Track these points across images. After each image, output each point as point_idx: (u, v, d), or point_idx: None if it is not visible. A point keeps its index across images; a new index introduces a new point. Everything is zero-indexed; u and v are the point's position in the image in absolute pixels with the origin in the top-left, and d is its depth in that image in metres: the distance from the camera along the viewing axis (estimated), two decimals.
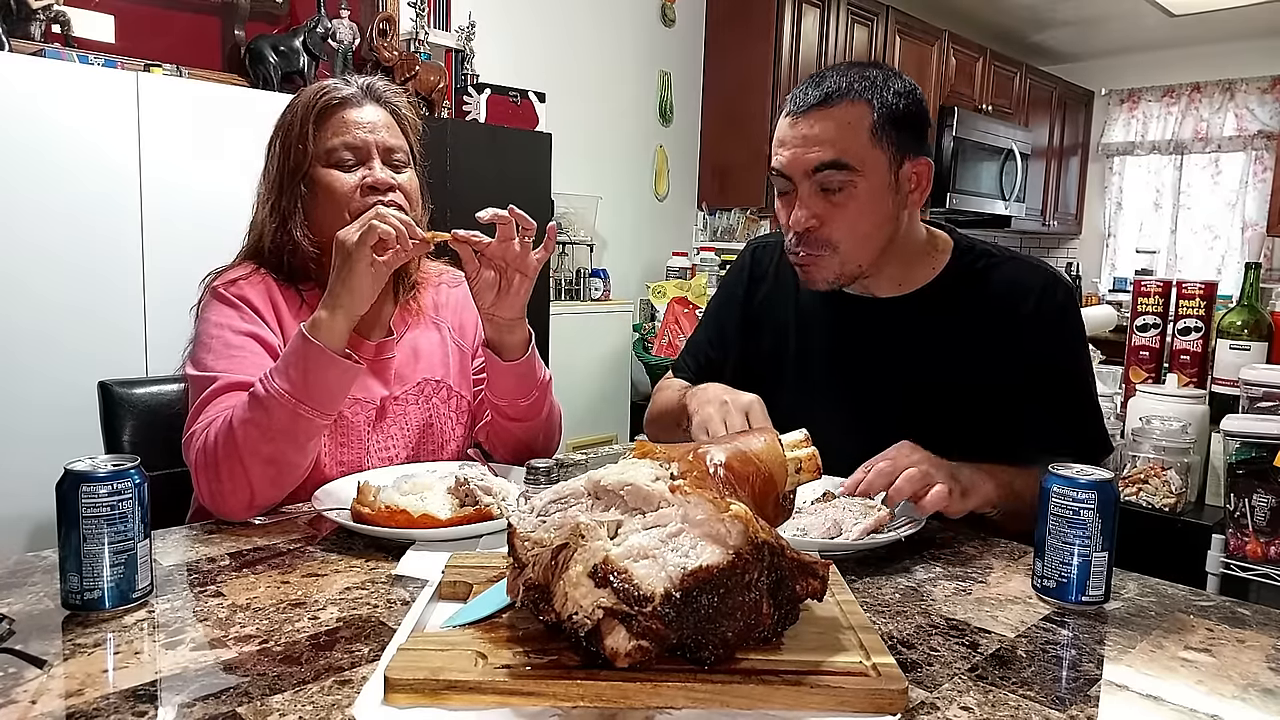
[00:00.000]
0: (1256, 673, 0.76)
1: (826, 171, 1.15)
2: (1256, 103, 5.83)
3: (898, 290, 1.28)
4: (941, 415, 1.23)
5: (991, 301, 1.24)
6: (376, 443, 1.27)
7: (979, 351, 1.23)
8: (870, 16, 4.66)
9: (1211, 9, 5.16)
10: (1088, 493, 0.86)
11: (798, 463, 0.83)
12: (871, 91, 1.15)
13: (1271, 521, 1.46)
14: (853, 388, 1.29)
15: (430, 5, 3.35)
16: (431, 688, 0.65)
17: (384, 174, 1.23)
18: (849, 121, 1.14)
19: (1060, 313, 1.25)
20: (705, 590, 0.66)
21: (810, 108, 1.16)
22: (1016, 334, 1.23)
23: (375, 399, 1.28)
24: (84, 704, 0.65)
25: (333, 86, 1.25)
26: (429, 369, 1.35)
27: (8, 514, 2.00)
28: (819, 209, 1.17)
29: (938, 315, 1.26)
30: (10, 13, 2.33)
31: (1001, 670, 0.75)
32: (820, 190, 1.17)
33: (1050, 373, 1.24)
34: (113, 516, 0.80)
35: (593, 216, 3.95)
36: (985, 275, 1.26)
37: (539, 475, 1.08)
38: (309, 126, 1.22)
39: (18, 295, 2.03)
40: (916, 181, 1.21)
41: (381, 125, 1.25)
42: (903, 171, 1.19)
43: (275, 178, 1.25)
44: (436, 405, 1.34)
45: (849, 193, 1.16)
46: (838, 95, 1.15)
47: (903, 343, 1.26)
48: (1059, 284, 1.26)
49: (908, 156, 1.19)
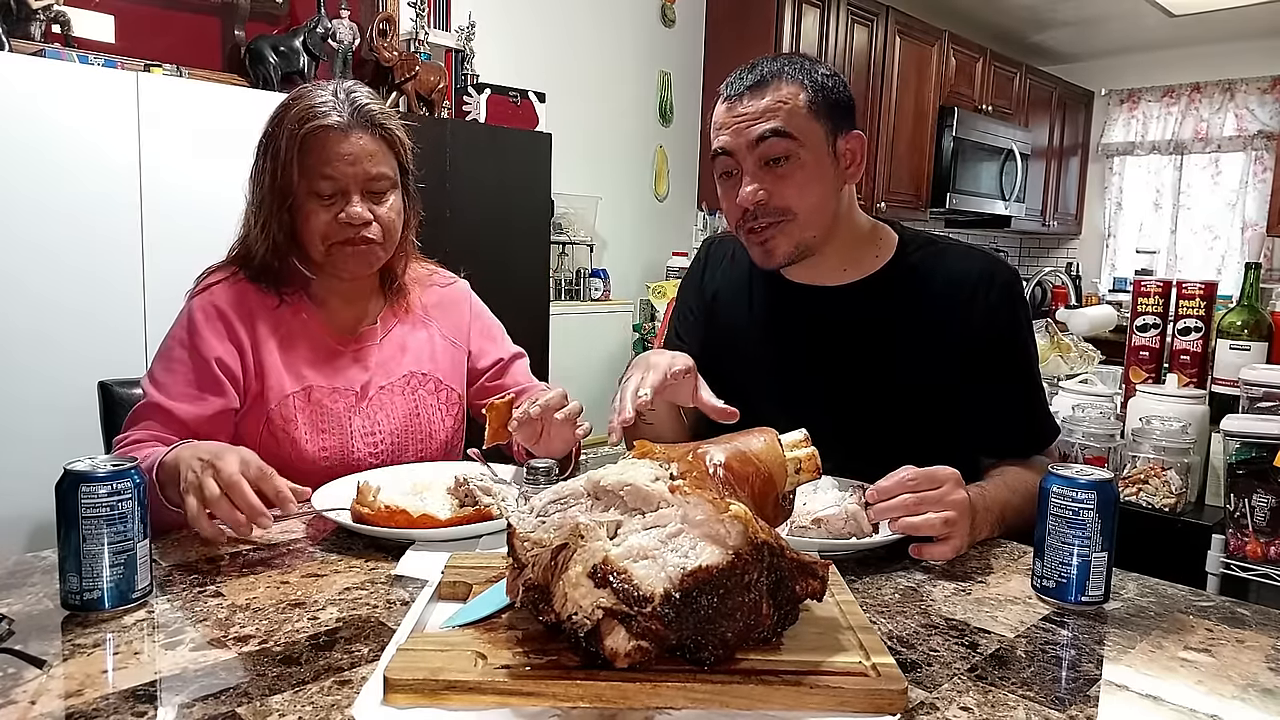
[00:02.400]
0: (1256, 673, 0.76)
1: (770, 140, 1.18)
2: (1256, 103, 5.83)
3: (844, 278, 1.30)
4: (892, 400, 1.25)
5: (940, 287, 1.26)
6: (361, 428, 1.30)
7: (928, 336, 1.25)
8: (870, 16, 4.66)
9: (1211, 9, 5.16)
10: (1087, 493, 0.86)
11: (797, 463, 0.83)
12: (802, 73, 1.21)
13: (1271, 521, 1.46)
14: (804, 374, 1.31)
15: (430, 5, 3.35)
16: (431, 688, 0.65)
17: (360, 209, 1.23)
18: (784, 98, 1.19)
19: (1009, 295, 1.27)
20: (705, 590, 0.66)
21: (746, 89, 1.20)
22: (966, 318, 1.24)
23: (355, 386, 1.32)
24: (84, 704, 0.65)
25: (319, 110, 1.21)
26: (416, 362, 1.38)
27: (8, 514, 2.00)
28: (765, 182, 1.20)
29: (886, 301, 1.27)
30: (10, 13, 2.33)
31: (1001, 670, 0.75)
32: (764, 165, 1.20)
33: (1000, 354, 1.25)
34: (112, 516, 0.80)
35: (593, 216, 3.95)
36: (931, 262, 1.29)
37: (539, 475, 1.08)
38: (293, 154, 1.21)
39: (18, 295, 2.03)
40: (852, 156, 1.24)
41: (365, 154, 1.23)
42: (839, 145, 1.23)
43: (263, 197, 1.25)
44: (423, 397, 1.37)
45: (794, 163, 1.19)
46: (772, 77, 1.20)
47: (852, 329, 1.28)
48: (1004, 268, 1.29)
49: (842, 131, 1.23)
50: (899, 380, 1.25)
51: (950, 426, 1.24)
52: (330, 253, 1.25)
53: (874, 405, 1.25)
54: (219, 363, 1.23)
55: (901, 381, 1.25)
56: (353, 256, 1.26)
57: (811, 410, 1.16)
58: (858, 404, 1.25)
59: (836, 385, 1.28)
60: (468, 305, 1.49)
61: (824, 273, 1.30)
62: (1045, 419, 1.30)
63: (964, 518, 1.00)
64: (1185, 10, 5.23)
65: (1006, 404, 1.26)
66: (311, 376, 1.29)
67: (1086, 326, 2.43)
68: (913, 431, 1.22)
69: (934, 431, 1.23)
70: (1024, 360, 1.28)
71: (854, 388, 1.27)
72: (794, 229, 1.22)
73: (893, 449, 1.09)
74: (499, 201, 3.12)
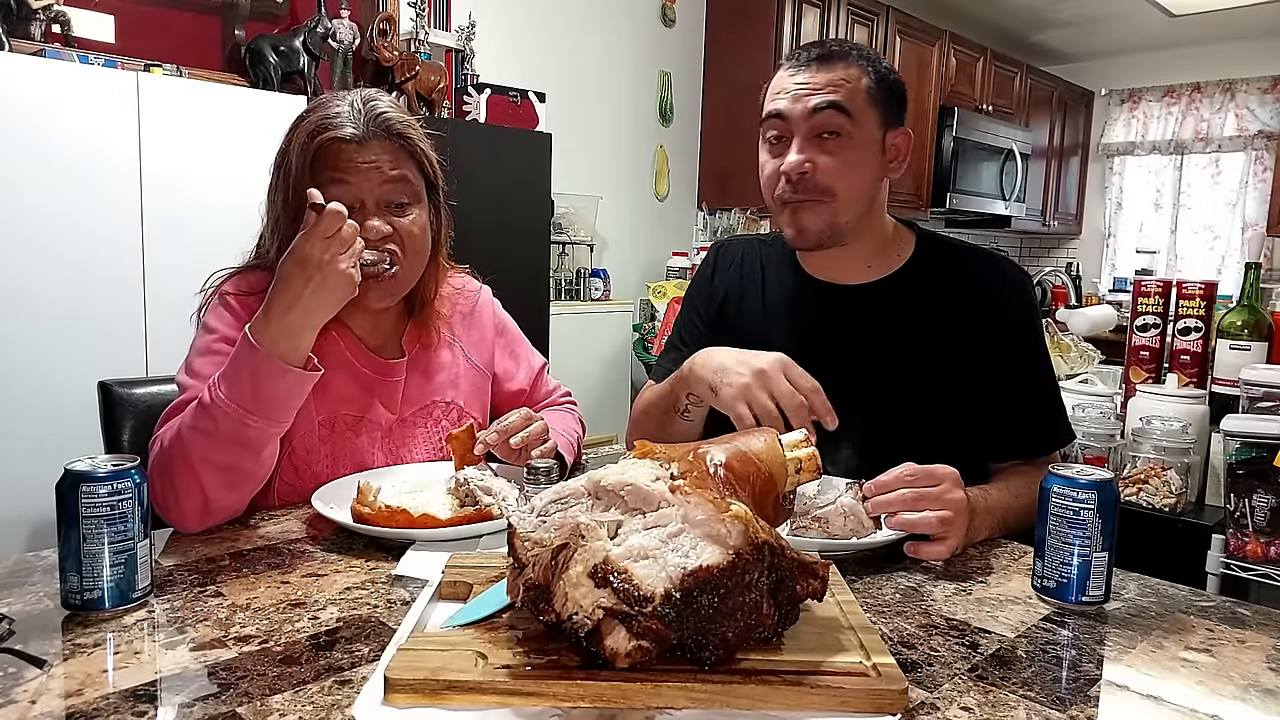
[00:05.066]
0: (1256, 673, 0.76)
1: (827, 112, 1.19)
2: (1256, 103, 5.83)
3: (867, 275, 1.30)
4: (910, 398, 1.25)
5: (957, 286, 1.27)
6: (383, 463, 1.25)
7: (946, 335, 1.25)
8: (870, 16, 4.66)
9: (1211, 9, 5.16)
10: (1088, 493, 0.86)
11: (798, 463, 0.83)
12: (867, 61, 1.23)
13: (1271, 521, 1.46)
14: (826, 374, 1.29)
15: (430, 5, 3.35)
16: (431, 688, 0.65)
17: (376, 224, 1.16)
18: (848, 78, 1.21)
19: (1023, 297, 1.28)
20: (705, 590, 0.66)
21: (812, 61, 1.22)
22: (983, 318, 1.25)
23: (380, 420, 1.26)
24: (84, 704, 0.65)
25: (334, 122, 1.14)
26: (439, 390, 1.32)
27: (8, 514, 2.00)
28: (813, 154, 1.20)
29: (906, 299, 1.28)
30: (10, 13, 2.33)
31: (1001, 670, 0.75)
32: (816, 136, 1.20)
33: (1016, 353, 1.26)
34: (112, 516, 0.80)
35: (593, 216, 3.95)
36: (951, 262, 1.30)
37: (539, 475, 1.08)
38: (305, 170, 1.14)
39: (18, 295, 2.03)
40: (897, 151, 1.26)
41: (381, 166, 1.16)
42: (888, 138, 1.25)
43: (279, 211, 1.18)
44: (447, 428, 1.31)
45: (844, 140, 1.20)
46: (839, 56, 1.22)
47: (874, 327, 1.28)
48: (1017, 269, 1.32)
49: (893, 126, 1.25)
50: (918, 378, 1.25)
51: (965, 425, 1.24)
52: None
53: (892, 403, 1.25)
54: None
55: (920, 380, 1.25)
56: (373, 287, 1.17)
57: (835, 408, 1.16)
58: (876, 402, 1.24)
59: (857, 383, 1.26)
60: (491, 321, 1.43)
61: (848, 269, 1.30)
62: (1060, 419, 1.29)
63: (961, 518, 0.99)
64: (1185, 10, 5.23)
65: (1021, 402, 1.26)
66: (336, 403, 1.22)
67: (1086, 326, 2.43)
68: (928, 429, 1.22)
69: (949, 430, 1.23)
70: (1039, 360, 1.28)
71: (874, 385, 1.26)
72: (830, 210, 1.22)
73: (907, 447, 1.09)
74: (499, 201, 3.12)
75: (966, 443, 1.22)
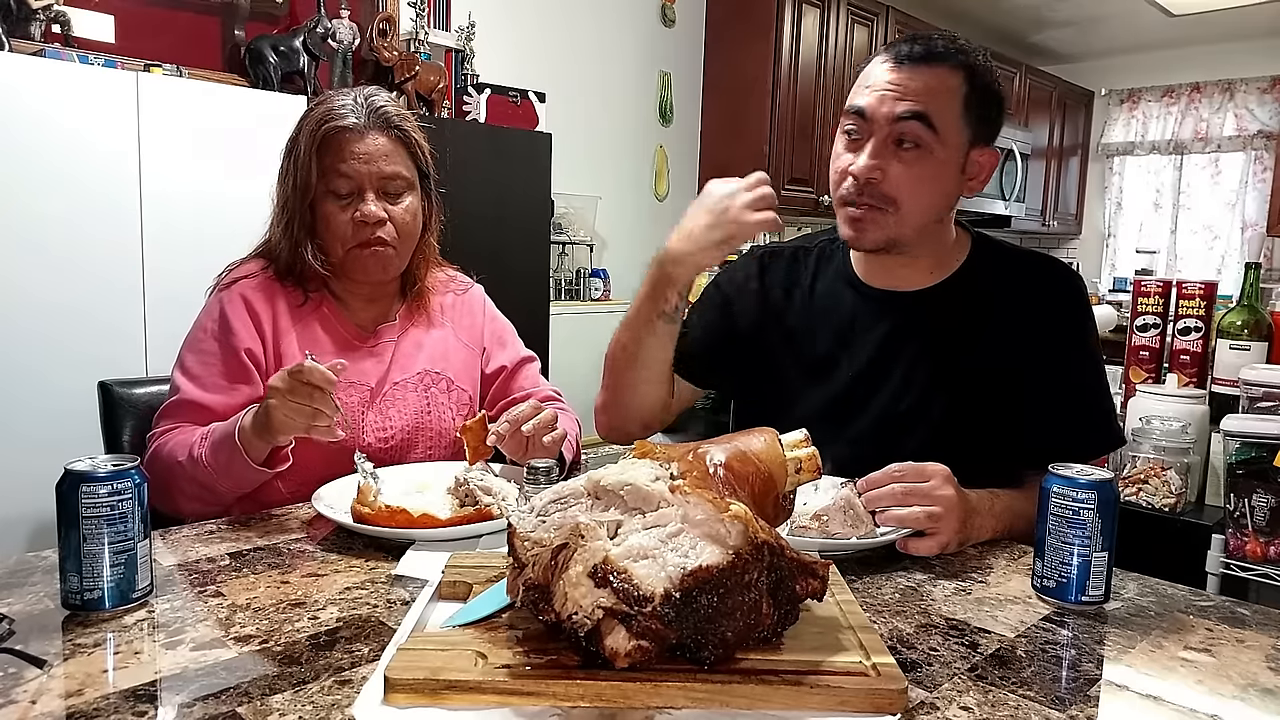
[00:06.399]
0: (1256, 673, 0.76)
1: (911, 122, 1.12)
2: (1256, 103, 5.83)
3: (930, 280, 1.26)
4: (971, 402, 1.21)
5: (1015, 288, 1.23)
6: (373, 422, 1.32)
7: (1003, 337, 1.21)
8: (870, 17, 4.66)
9: (1211, 9, 5.16)
10: (1088, 493, 0.86)
11: (798, 463, 0.83)
12: (969, 68, 1.15)
13: (1271, 521, 1.46)
14: (888, 381, 1.26)
15: (430, 5, 3.35)
16: (431, 688, 0.65)
17: (375, 207, 1.27)
18: (945, 87, 1.13)
19: (1079, 299, 1.25)
20: (705, 590, 0.66)
21: (911, 60, 1.13)
22: (1040, 321, 1.21)
23: (370, 381, 1.34)
24: (84, 704, 0.65)
25: (338, 112, 1.27)
26: (430, 361, 1.40)
27: (8, 514, 2.00)
28: (886, 161, 1.14)
29: (963, 303, 1.24)
30: (10, 13, 2.33)
31: (1001, 670, 0.75)
32: (894, 143, 1.13)
33: (1070, 356, 1.23)
34: (113, 516, 0.80)
35: (593, 216, 3.95)
36: (1005, 265, 1.26)
37: (539, 475, 1.08)
38: (312, 155, 1.26)
39: (18, 295, 2.03)
40: (980, 169, 1.20)
41: (381, 154, 1.27)
42: (972, 155, 1.18)
43: (286, 198, 1.30)
44: (435, 395, 1.39)
45: (922, 153, 1.13)
46: (941, 57, 1.13)
47: (934, 333, 1.24)
48: (1072, 273, 1.28)
49: (981, 143, 1.18)
50: (975, 382, 1.21)
51: (1019, 427, 1.20)
52: (348, 257, 1.29)
53: (950, 408, 1.20)
54: (249, 354, 1.27)
55: (977, 384, 1.21)
56: (370, 259, 1.29)
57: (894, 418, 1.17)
58: (936, 408, 1.20)
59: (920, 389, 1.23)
60: (482, 309, 1.51)
61: (910, 275, 1.26)
62: (1111, 422, 1.25)
63: (951, 514, 0.99)
64: (1185, 10, 5.23)
65: (1075, 404, 1.22)
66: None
67: None
68: (985, 434, 1.18)
69: (1004, 433, 1.19)
70: (1092, 362, 1.25)
71: (934, 391, 1.22)
72: (892, 221, 1.16)
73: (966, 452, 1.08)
74: (499, 201, 3.12)
75: (1020, 445, 1.18)
